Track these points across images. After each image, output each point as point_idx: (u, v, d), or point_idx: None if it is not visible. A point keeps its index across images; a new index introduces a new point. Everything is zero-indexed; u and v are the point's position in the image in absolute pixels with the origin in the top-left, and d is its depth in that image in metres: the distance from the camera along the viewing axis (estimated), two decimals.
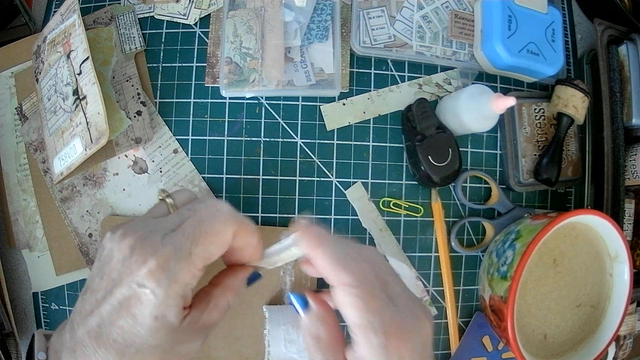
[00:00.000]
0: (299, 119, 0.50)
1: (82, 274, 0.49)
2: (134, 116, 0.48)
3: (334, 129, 0.50)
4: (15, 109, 0.51)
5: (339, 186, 0.50)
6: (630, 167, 0.52)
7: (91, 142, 0.43)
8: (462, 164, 0.48)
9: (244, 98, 0.50)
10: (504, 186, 0.53)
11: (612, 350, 0.51)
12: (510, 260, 0.44)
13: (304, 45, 0.49)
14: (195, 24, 0.51)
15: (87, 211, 0.49)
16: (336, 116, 0.50)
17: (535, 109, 0.52)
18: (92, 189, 0.49)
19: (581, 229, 0.48)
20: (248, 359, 0.47)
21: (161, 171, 0.49)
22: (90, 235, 0.48)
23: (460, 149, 0.48)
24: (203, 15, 0.51)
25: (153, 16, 0.51)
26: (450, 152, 0.47)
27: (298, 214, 0.50)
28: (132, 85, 0.49)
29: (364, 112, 0.51)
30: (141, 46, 0.50)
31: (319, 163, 0.50)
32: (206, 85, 0.50)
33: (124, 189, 0.49)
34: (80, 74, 0.45)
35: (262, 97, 0.50)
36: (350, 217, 0.50)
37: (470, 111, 0.45)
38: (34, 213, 0.49)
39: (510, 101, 0.42)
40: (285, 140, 0.50)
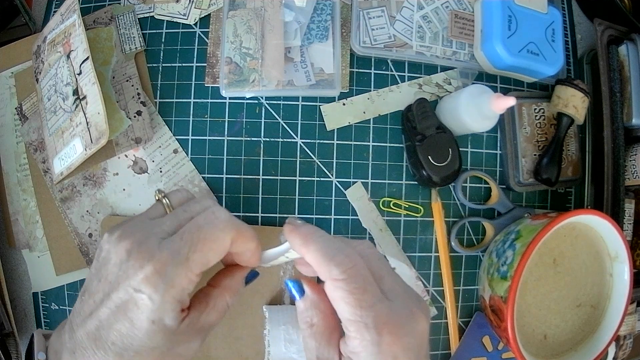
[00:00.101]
0: (299, 119, 0.50)
1: (82, 274, 0.49)
2: (134, 116, 0.48)
3: (334, 129, 0.50)
4: (15, 109, 0.51)
5: (339, 186, 0.50)
6: (630, 167, 0.52)
7: (91, 142, 0.43)
8: (462, 164, 0.48)
9: (244, 98, 0.50)
10: (504, 186, 0.53)
11: (612, 350, 0.51)
12: (510, 260, 0.44)
13: (304, 45, 0.49)
14: (195, 24, 0.51)
15: (87, 211, 0.49)
16: (336, 116, 0.50)
17: (535, 109, 0.52)
18: (92, 189, 0.49)
19: (581, 229, 0.48)
20: (248, 359, 0.47)
21: (161, 171, 0.49)
22: (90, 235, 0.48)
23: (460, 149, 0.48)
24: (203, 15, 0.51)
25: (153, 16, 0.51)
26: (450, 152, 0.47)
27: (297, 214, 0.50)
28: (132, 85, 0.49)
29: (364, 112, 0.51)
30: (141, 46, 0.50)
31: (319, 163, 0.50)
32: (206, 85, 0.50)
33: (124, 189, 0.49)
34: (80, 74, 0.45)
35: (262, 97, 0.50)
36: (350, 217, 0.50)
37: (470, 111, 0.45)
38: (34, 213, 0.49)
39: (510, 101, 0.42)
40: (285, 140, 0.50)
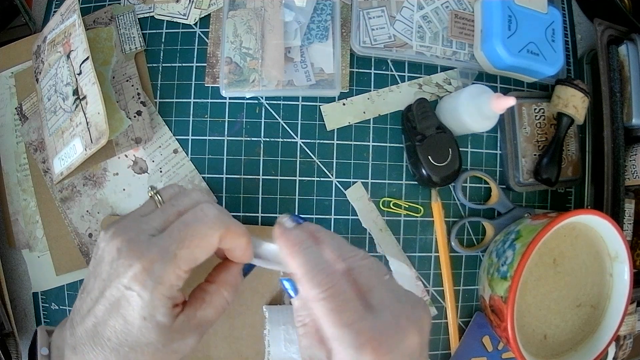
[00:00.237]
0: (299, 119, 0.50)
1: (82, 274, 0.49)
2: (134, 116, 0.48)
3: (334, 129, 0.50)
4: (15, 109, 0.51)
5: (339, 186, 0.50)
6: (630, 167, 0.52)
7: (91, 142, 0.43)
8: (462, 164, 0.48)
9: (244, 98, 0.50)
10: (504, 186, 0.53)
11: (612, 350, 0.51)
12: (510, 260, 0.44)
13: (304, 45, 0.49)
14: (195, 24, 0.51)
15: (87, 211, 0.49)
16: (336, 116, 0.50)
17: (535, 109, 0.52)
18: (92, 189, 0.49)
19: (581, 229, 0.48)
20: (248, 359, 0.47)
21: (161, 171, 0.49)
22: (90, 235, 0.48)
23: (460, 149, 0.48)
24: (203, 15, 0.50)
25: (153, 16, 0.51)
26: (450, 152, 0.47)
27: (297, 214, 0.50)
28: (132, 85, 0.49)
29: (364, 112, 0.51)
30: (141, 46, 0.50)
31: (319, 163, 0.50)
32: (206, 85, 0.50)
33: (124, 189, 0.49)
34: (80, 74, 0.45)
35: (262, 97, 0.50)
36: (350, 217, 0.50)
37: (470, 111, 0.45)
38: (34, 213, 0.49)
39: (510, 101, 0.42)
40: (285, 140, 0.50)
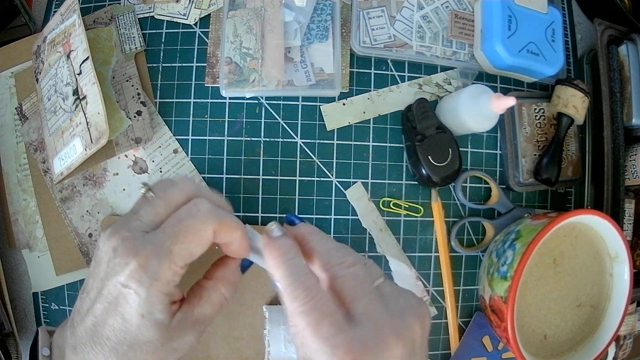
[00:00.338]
0: (299, 119, 0.50)
1: (82, 274, 0.49)
2: (134, 116, 0.48)
3: (334, 129, 0.50)
4: (15, 109, 0.51)
5: (339, 186, 0.50)
6: (630, 167, 0.52)
7: (91, 142, 0.43)
8: (462, 164, 0.48)
9: (244, 98, 0.50)
10: (504, 186, 0.53)
11: (612, 350, 0.51)
12: (510, 260, 0.44)
13: (304, 45, 0.49)
14: (195, 24, 0.51)
15: (87, 211, 0.49)
16: (336, 116, 0.50)
17: (535, 109, 0.52)
18: (92, 189, 0.49)
19: (581, 229, 0.48)
20: (248, 359, 0.47)
21: (161, 171, 0.49)
22: (90, 235, 0.48)
23: (460, 149, 0.48)
24: (203, 15, 0.50)
25: (153, 16, 0.51)
26: (450, 152, 0.47)
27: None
28: (132, 85, 0.49)
29: (364, 112, 0.51)
30: (141, 46, 0.50)
31: (319, 163, 0.50)
32: (206, 85, 0.50)
33: (124, 189, 0.49)
34: (80, 74, 0.45)
35: (262, 97, 0.50)
36: (350, 217, 0.50)
37: (470, 111, 0.45)
38: (34, 213, 0.49)
39: (510, 101, 0.42)
40: (285, 140, 0.50)
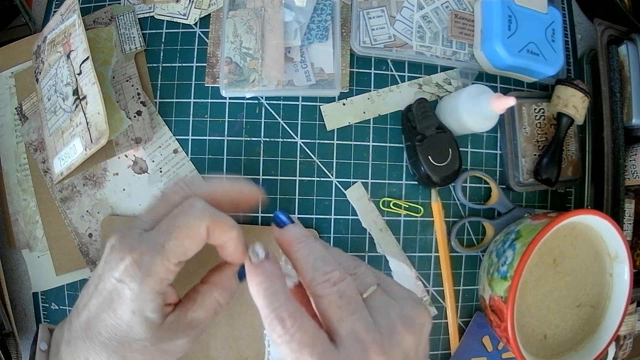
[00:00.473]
0: (299, 119, 0.50)
1: (82, 274, 0.49)
2: (134, 116, 0.48)
3: (334, 129, 0.50)
4: (15, 109, 0.51)
5: (339, 186, 0.50)
6: (630, 167, 0.52)
7: (91, 142, 0.43)
8: (462, 164, 0.48)
9: (244, 98, 0.50)
10: (504, 186, 0.53)
11: (612, 350, 0.51)
12: (510, 260, 0.44)
13: (304, 45, 0.49)
14: (195, 24, 0.51)
15: (87, 211, 0.49)
16: (336, 116, 0.50)
17: (535, 109, 0.52)
18: (92, 189, 0.49)
19: (581, 229, 0.48)
20: (248, 359, 0.47)
21: (161, 171, 0.49)
22: (90, 235, 0.48)
23: (460, 149, 0.48)
24: (203, 15, 0.50)
25: (153, 16, 0.51)
26: (450, 152, 0.47)
27: (297, 214, 0.50)
28: (132, 85, 0.49)
29: (364, 112, 0.51)
30: (141, 46, 0.50)
31: (319, 163, 0.50)
32: (206, 85, 0.50)
33: (124, 189, 0.49)
34: (80, 74, 0.45)
35: (262, 97, 0.50)
36: (350, 217, 0.50)
37: (470, 111, 0.45)
38: (34, 213, 0.49)
39: (510, 101, 0.42)
40: (285, 140, 0.50)
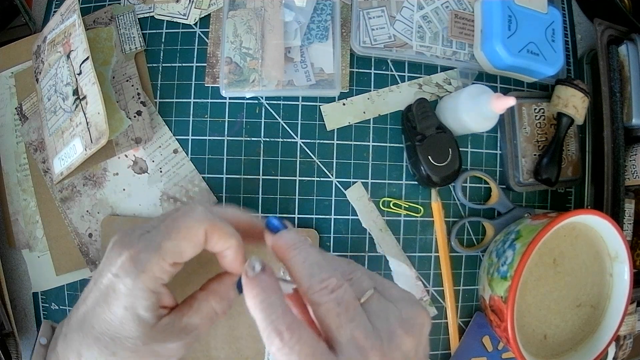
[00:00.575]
0: (299, 119, 0.50)
1: (82, 274, 0.49)
2: (134, 116, 0.48)
3: (334, 129, 0.50)
4: (15, 109, 0.51)
5: (339, 186, 0.50)
6: (630, 167, 0.52)
7: (91, 142, 0.43)
8: (462, 164, 0.48)
9: (244, 98, 0.50)
10: (504, 186, 0.53)
11: (612, 350, 0.51)
12: (510, 260, 0.44)
13: (304, 45, 0.49)
14: (195, 24, 0.51)
15: (87, 211, 0.49)
16: (336, 116, 0.50)
17: (535, 109, 0.52)
18: (92, 189, 0.49)
19: (581, 229, 0.48)
20: (248, 359, 0.47)
21: (161, 171, 0.49)
22: (90, 235, 0.48)
23: (460, 149, 0.48)
24: (203, 15, 0.50)
25: (153, 16, 0.51)
26: (450, 152, 0.47)
27: (297, 214, 0.50)
28: (132, 85, 0.49)
29: (364, 112, 0.51)
30: (141, 46, 0.50)
31: (319, 163, 0.50)
32: (206, 85, 0.50)
33: (124, 189, 0.49)
34: (80, 74, 0.45)
35: (262, 97, 0.50)
36: (350, 217, 0.50)
37: (470, 111, 0.45)
38: (34, 213, 0.49)
39: (510, 101, 0.42)
40: (285, 140, 0.50)
